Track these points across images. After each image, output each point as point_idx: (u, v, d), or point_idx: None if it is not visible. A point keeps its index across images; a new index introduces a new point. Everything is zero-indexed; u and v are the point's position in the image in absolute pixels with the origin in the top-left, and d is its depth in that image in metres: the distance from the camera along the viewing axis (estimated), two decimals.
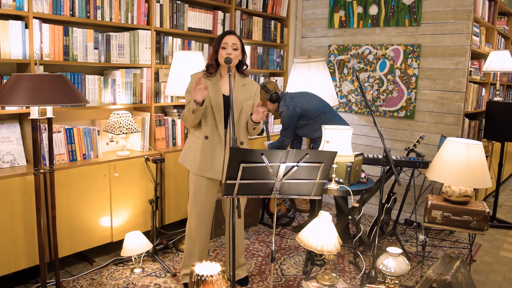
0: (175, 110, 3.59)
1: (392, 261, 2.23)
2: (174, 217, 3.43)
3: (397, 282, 2.26)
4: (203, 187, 2.58)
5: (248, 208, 3.72)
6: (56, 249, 2.50)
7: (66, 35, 2.80)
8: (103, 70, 3.22)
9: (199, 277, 1.62)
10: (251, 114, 2.55)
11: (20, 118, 2.79)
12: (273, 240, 2.15)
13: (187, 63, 3.13)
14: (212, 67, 2.55)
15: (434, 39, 3.82)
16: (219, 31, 3.79)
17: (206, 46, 3.76)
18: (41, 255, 2.42)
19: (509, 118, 3.93)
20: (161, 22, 3.34)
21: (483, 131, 4.22)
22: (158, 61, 3.38)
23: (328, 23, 4.50)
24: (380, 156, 3.22)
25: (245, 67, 2.62)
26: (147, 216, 3.22)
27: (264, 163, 1.92)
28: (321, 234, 2.22)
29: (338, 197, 3.21)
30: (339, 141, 2.64)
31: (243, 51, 2.56)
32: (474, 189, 2.82)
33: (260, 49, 4.26)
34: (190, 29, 3.56)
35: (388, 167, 2.79)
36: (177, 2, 3.43)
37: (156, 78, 3.40)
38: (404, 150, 4.02)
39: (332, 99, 3.84)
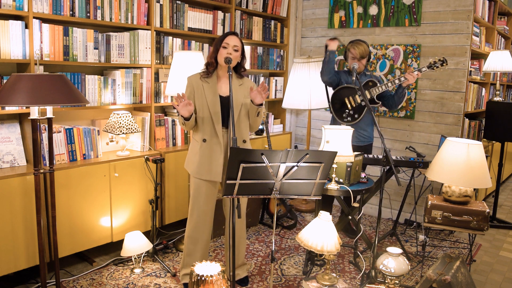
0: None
1: (392, 261, 2.23)
2: (174, 217, 3.43)
3: (397, 282, 2.26)
4: (202, 189, 2.59)
5: (248, 208, 3.72)
6: (56, 249, 2.50)
7: (66, 35, 2.80)
8: (103, 70, 3.22)
9: (199, 277, 1.62)
10: (251, 101, 2.54)
11: (20, 118, 2.79)
12: (273, 240, 2.15)
13: (187, 63, 3.13)
14: (211, 66, 2.56)
15: (434, 39, 3.82)
16: (219, 31, 3.79)
17: (206, 46, 3.76)
18: (41, 255, 2.42)
19: (509, 118, 3.92)
20: (161, 22, 3.34)
21: (483, 131, 4.22)
22: (158, 61, 3.38)
23: (328, 23, 4.50)
24: (380, 156, 3.22)
25: (243, 69, 2.63)
26: (147, 216, 3.22)
27: (264, 163, 1.92)
28: (321, 234, 2.22)
29: (338, 197, 3.20)
30: (339, 141, 2.64)
31: (242, 54, 2.57)
32: (474, 189, 2.82)
33: (260, 49, 4.26)
34: (190, 29, 3.56)
35: (388, 167, 2.79)
36: (177, 2, 3.43)
37: (156, 78, 3.40)
38: (405, 149, 4.02)
39: None
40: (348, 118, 3.42)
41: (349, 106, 3.39)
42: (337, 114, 3.47)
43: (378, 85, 3.33)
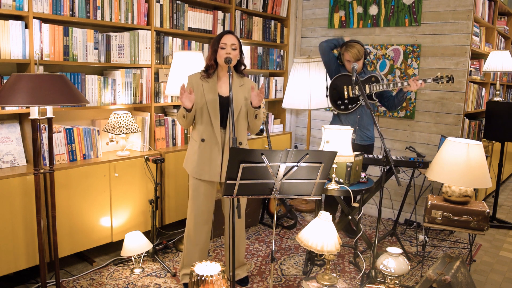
0: (175, 110, 3.59)
1: (392, 261, 2.23)
2: (174, 217, 3.43)
3: (397, 282, 2.26)
4: (201, 189, 2.59)
5: (248, 208, 3.72)
6: (56, 249, 2.50)
7: (66, 35, 2.80)
8: (103, 70, 3.22)
9: (199, 277, 1.62)
10: (251, 103, 2.54)
11: (20, 118, 2.79)
12: (273, 240, 2.15)
13: (187, 63, 3.13)
14: (212, 68, 2.55)
15: (434, 39, 3.82)
16: (219, 31, 3.79)
17: (206, 46, 3.76)
18: (41, 255, 2.42)
19: (509, 118, 3.92)
20: (161, 22, 3.34)
21: (483, 131, 4.22)
22: (158, 61, 3.38)
23: (328, 23, 4.50)
24: (380, 156, 3.22)
25: (243, 67, 2.63)
26: (147, 216, 3.22)
27: (264, 163, 1.92)
28: (321, 234, 2.22)
29: (338, 197, 3.21)
30: (339, 141, 2.64)
31: (241, 51, 2.56)
32: (474, 189, 2.82)
33: (260, 49, 4.26)
34: (190, 29, 3.56)
35: (388, 167, 2.79)
36: (177, 2, 3.43)
37: (156, 78, 3.40)
38: (405, 149, 4.02)
39: None
40: (342, 107, 3.43)
41: (346, 95, 3.39)
42: (333, 101, 3.48)
43: (381, 83, 3.33)
